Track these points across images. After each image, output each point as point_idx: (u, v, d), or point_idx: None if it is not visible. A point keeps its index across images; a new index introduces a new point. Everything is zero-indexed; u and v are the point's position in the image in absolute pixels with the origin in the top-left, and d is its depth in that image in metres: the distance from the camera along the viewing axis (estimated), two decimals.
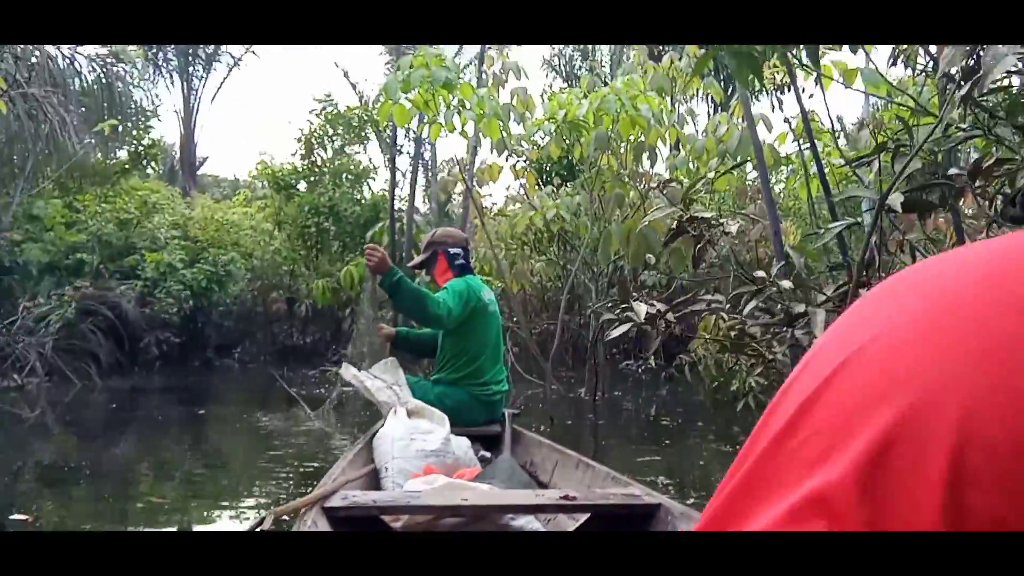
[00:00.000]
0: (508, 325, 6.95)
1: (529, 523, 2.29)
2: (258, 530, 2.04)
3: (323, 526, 2.08)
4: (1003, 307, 0.27)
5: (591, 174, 6.02)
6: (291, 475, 4.70)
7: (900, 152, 1.70)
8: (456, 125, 5.82)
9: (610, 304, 2.25)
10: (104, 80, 8.58)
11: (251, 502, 4.21)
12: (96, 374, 9.12)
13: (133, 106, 13.43)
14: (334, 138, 14.22)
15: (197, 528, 3.78)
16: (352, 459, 2.86)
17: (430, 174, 14.74)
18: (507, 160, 7.51)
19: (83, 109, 9.76)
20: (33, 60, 7.16)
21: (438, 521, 2.22)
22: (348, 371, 3.55)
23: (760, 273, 1.87)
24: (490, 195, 10.06)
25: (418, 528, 2.23)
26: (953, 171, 1.62)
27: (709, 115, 14.17)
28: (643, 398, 8.09)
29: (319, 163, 14.00)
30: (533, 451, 3.41)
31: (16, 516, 3.64)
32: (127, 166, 13.09)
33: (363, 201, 13.49)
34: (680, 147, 6.46)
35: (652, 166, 6.74)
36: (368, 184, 14.05)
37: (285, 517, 2.17)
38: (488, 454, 3.42)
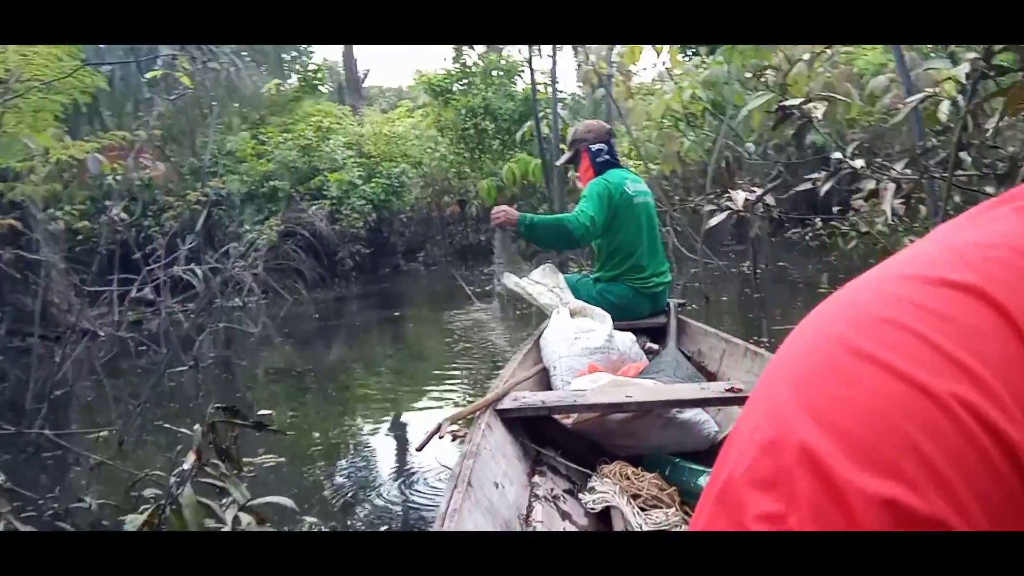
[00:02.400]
0: (663, 209, 7.05)
1: (696, 415, 2.31)
2: (436, 437, 2.13)
3: (496, 427, 2.16)
4: (821, 340, 0.31)
5: (726, 47, 5.88)
6: (479, 363, 5.27)
7: None
8: None
9: (711, 195, 2.39)
10: None
11: (445, 388, 4.73)
12: (303, 288, 10.28)
13: None
14: None
15: (405, 414, 4.38)
16: (522, 360, 2.95)
17: (581, 61, 14.59)
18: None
19: (252, 45, 10.56)
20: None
21: (605, 417, 2.28)
22: (509, 279, 3.65)
23: (836, 155, 1.96)
24: (642, 70, 9.89)
25: (587, 424, 2.32)
26: None
27: None
28: (811, 267, 7.96)
29: (468, 64, 14.26)
30: (700, 341, 3.39)
31: (263, 412, 4.40)
32: (299, 94, 14.06)
33: (515, 96, 13.66)
34: None
35: None
36: (520, 77, 14.18)
37: (460, 422, 2.31)
38: (655, 346, 3.44)
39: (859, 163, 1.85)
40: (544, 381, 2.94)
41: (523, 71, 14.24)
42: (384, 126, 14.70)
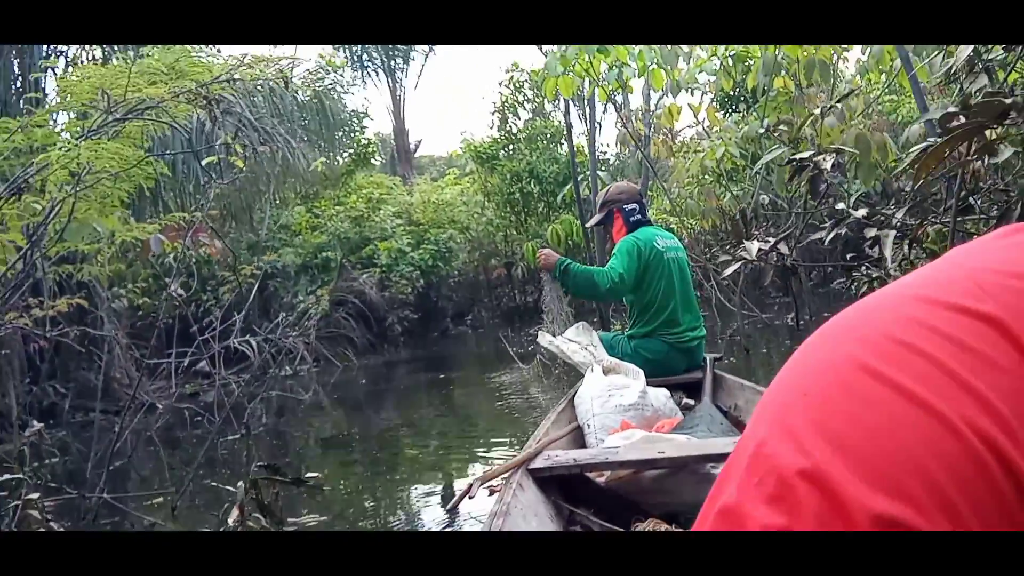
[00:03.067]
0: (700, 263, 7.10)
1: None
2: (467, 497, 2.14)
3: (528, 486, 2.15)
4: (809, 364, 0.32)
5: (762, 101, 6.01)
6: (521, 423, 5.32)
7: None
8: (620, 83, 6.08)
9: (726, 245, 2.47)
10: (317, 98, 9.73)
11: (489, 448, 4.78)
12: (353, 355, 10.54)
13: (346, 112, 14.96)
14: (524, 104, 14.83)
15: (447, 475, 4.44)
16: (556, 419, 2.94)
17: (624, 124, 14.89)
18: (690, 97, 7.57)
19: (304, 125, 11.08)
20: (258, 96, 8.35)
21: (639, 474, 2.27)
22: (544, 338, 3.76)
23: (840, 206, 2.05)
24: (685, 128, 10.00)
25: (620, 482, 2.31)
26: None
27: None
28: None
29: (514, 131, 14.68)
30: (736, 395, 3.34)
31: (310, 474, 4.55)
32: (351, 167, 14.61)
33: (559, 159, 13.97)
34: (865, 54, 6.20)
35: (832, 82, 6.54)
36: (565, 141, 14.52)
37: (494, 481, 2.27)
38: (691, 401, 3.40)
39: (861, 212, 1.93)
40: (579, 439, 2.92)
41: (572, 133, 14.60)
42: (432, 194, 15.14)
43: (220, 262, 9.55)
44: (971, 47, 1.55)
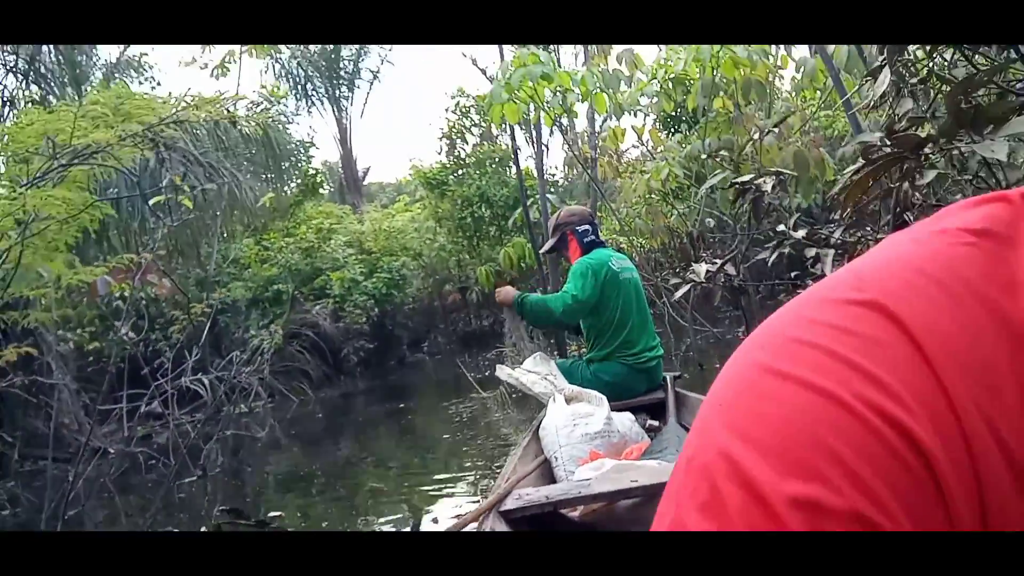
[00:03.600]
0: (652, 282, 7.24)
1: None
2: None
3: (501, 528, 2.09)
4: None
5: (702, 123, 6.18)
6: (488, 451, 5.32)
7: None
8: (564, 108, 6.20)
9: (677, 268, 2.54)
10: (262, 130, 9.69)
11: (456, 483, 4.73)
12: (309, 388, 10.40)
13: (292, 142, 14.88)
14: (472, 129, 14.93)
15: (411, 508, 4.42)
16: (522, 454, 2.87)
17: (570, 147, 15.10)
18: (634, 118, 7.73)
19: (251, 157, 10.99)
20: (202, 131, 8.27)
21: (613, 505, 2.22)
22: (502, 371, 3.71)
23: (780, 227, 2.13)
24: (630, 148, 10.18)
25: (595, 515, 2.26)
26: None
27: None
28: None
29: (462, 156, 14.75)
30: None
31: (273, 513, 4.48)
32: (299, 198, 14.50)
33: (509, 182, 14.08)
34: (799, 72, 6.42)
35: (769, 101, 6.75)
36: (512, 165, 14.65)
37: (469, 527, 2.15)
38: (656, 423, 3.37)
39: (800, 233, 2.02)
40: (548, 473, 2.86)
41: (520, 156, 14.75)
42: (383, 221, 15.10)
43: (168, 300, 9.38)
44: (890, 75, 1.65)
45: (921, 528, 0.29)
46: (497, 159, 14.57)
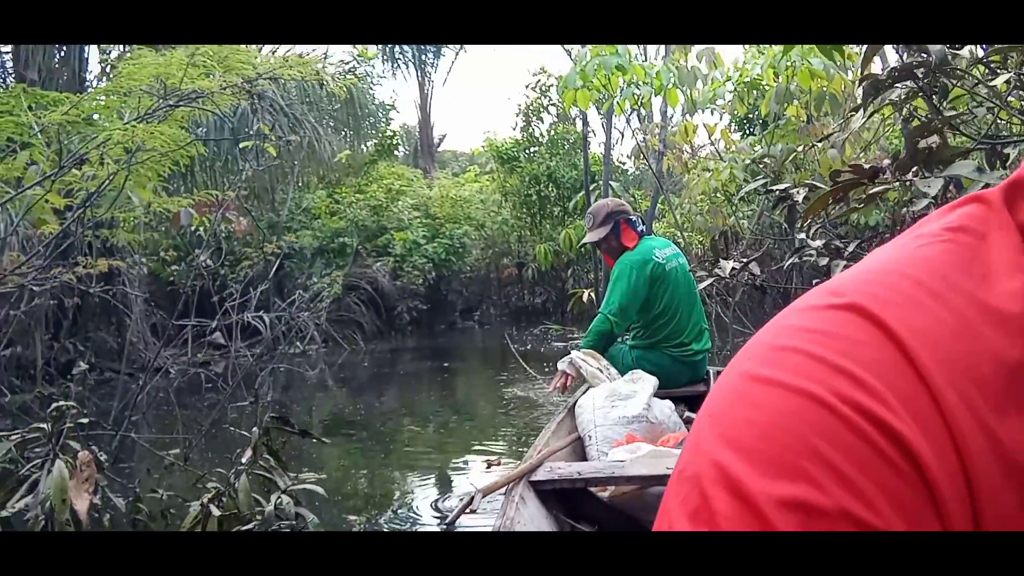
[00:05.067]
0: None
1: None
2: (468, 509, 2.07)
3: (530, 500, 2.08)
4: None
5: (770, 128, 6.27)
6: (522, 422, 5.56)
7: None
8: (637, 100, 6.36)
9: (705, 263, 2.71)
10: (347, 90, 10.06)
11: (491, 445, 4.96)
12: (360, 339, 10.88)
13: (374, 103, 15.31)
14: (549, 108, 15.09)
15: (453, 465, 4.66)
16: (555, 429, 2.84)
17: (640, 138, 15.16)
18: (709, 116, 7.79)
19: (333, 114, 11.40)
20: (291, 84, 8.65)
21: (644, 490, 2.20)
22: (562, 363, 3.57)
23: (801, 235, 2.30)
24: (703, 148, 10.26)
25: (625, 498, 2.23)
26: None
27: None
28: None
29: (536, 134, 14.95)
30: None
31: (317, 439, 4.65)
32: (374, 157, 14.93)
33: (578, 165, 14.23)
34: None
35: (845, 116, 6.80)
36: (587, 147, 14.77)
37: (497, 493, 2.19)
38: (694, 415, 3.19)
39: (817, 243, 2.19)
40: (579, 451, 2.84)
41: (591, 141, 14.88)
42: (451, 189, 15.44)
43: (241, 239, 9.88)
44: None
45: (912, 526, 0.29)
46: (570, 141, 14.72)
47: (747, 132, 10.62)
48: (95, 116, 3.57)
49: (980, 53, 1.57)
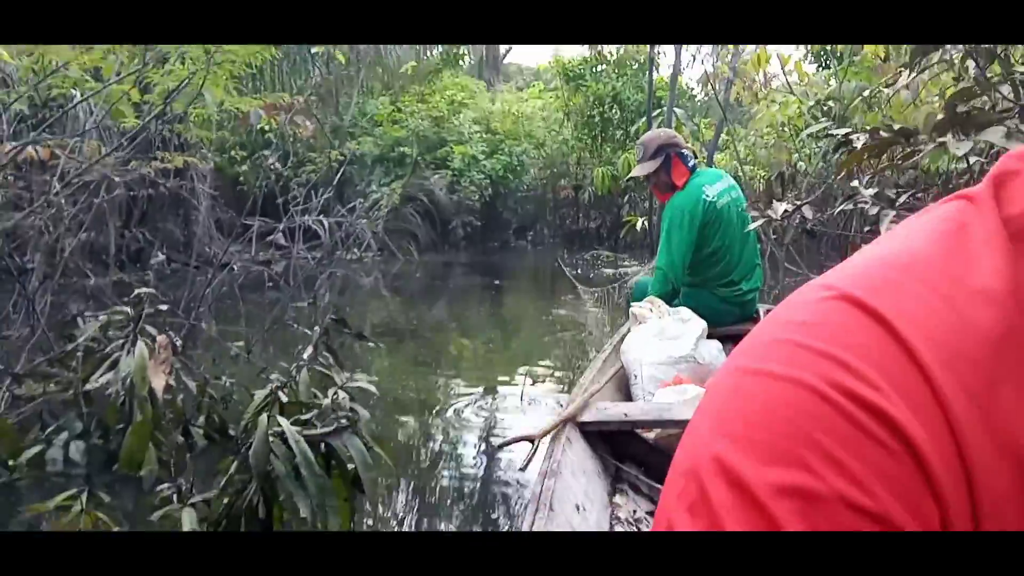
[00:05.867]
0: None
1: None
2: (532, 455, 2.01)
3: (576, 441, 2.08)
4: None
5: (843, 65, 6.07)
6: (570, 342, 5.65)
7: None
8: None
9: (757, 203, 2.70)
10: None
11: (539, 362, 5.03)
12: (415, 250, 11.07)
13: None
14: None
15: (499, 380, 4.82)
16: (601, 366, 2.82)
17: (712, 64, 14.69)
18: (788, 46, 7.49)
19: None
20: None
21: None
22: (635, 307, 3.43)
23: (854, 182, 2.30)
24: (773, 77, 9.92)
25: (671, 440, 2.21)
26: None
27: None
28: None
29: (605, 52, 14.59)
30: None
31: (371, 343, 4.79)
32: (439, 66, 14.81)
33: (645, 89, 13.90)
34: None
35: (920, 60, 6.54)
36: (656, 71, 14.36)
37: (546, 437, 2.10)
38: None
39: (870, 192, 2.19)
40: (624, 390, 2.84)
41: (659, 64, 14.47)
42: (514, 105, 15.27)
43: (305, 143, 10.04)
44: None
45: (909, 507, 0.29)
46: (639, 61, 14.35)
47: (823, 65, 10.24)
48: None
49: None
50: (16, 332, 3.22)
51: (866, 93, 3.58)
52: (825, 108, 4.16)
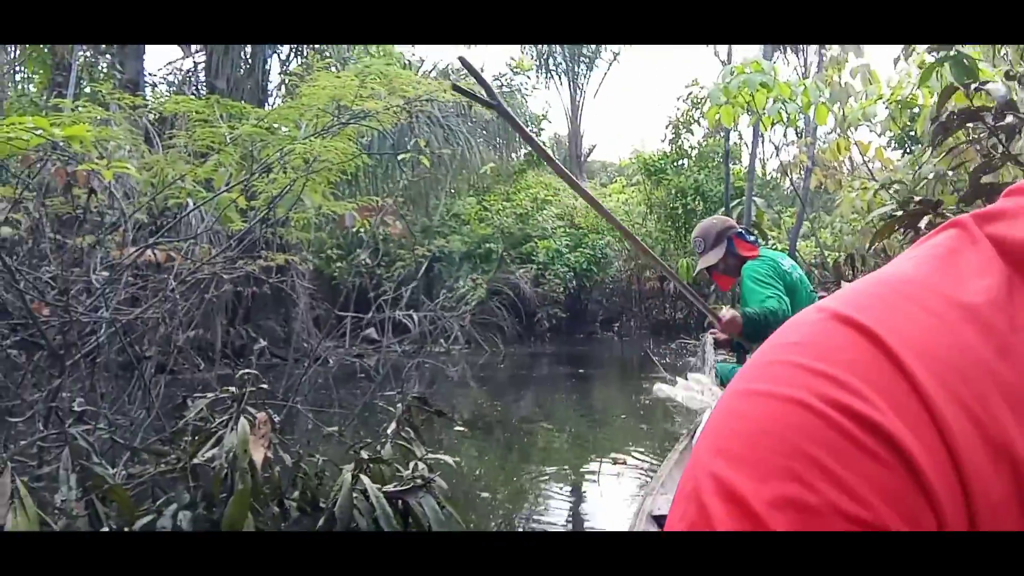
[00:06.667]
0: None
1: None
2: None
3: (653, 531, 2.01)
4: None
5: (918, 150, 6.08)
6: (660, 436, 5.66)
7: None
8: (783, 116, 6.35)
9: (826, 284, 2.77)
10: (504, 96, 10.52)
11: (625, 453, 4.98)
12: (501, 342, 11.32)
13: (527, 112, 15.85)
14: (699, 120, 15.01)
15: (582, 467, 4.89)
16: (678, 459, 2.87)
17: (793, 154, 14.77)
18: (873, 135, 7.54)
19: (486, 125, 11.93)
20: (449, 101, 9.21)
21: None
22: (661, 390, 3.64)
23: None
24: (862, 164, 9.91)
25: None
26: None
27: None
28: None
29: (685, 147, 14.90)
30: None
31: (458, 428, 5.01)
32: (523, 167, 15.42)
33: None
34: None
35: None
36: (738, 162, 14.52)
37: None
38: None
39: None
40: None
41: (739, 160, 14.63)
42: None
43: (396, 242, 10.58)
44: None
45: (905, 518, 0.29)
46: (720, 155, 14.57)
47: (908, 151, 10.21)
48: (275, 126, 4.11)
49: None
50: (134, 414, 3.54)
51: (934, 174, 3.64)
52: (891, 191, 4.20)
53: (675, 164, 14.84)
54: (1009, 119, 1.59)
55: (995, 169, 1.56)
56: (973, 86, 1.74)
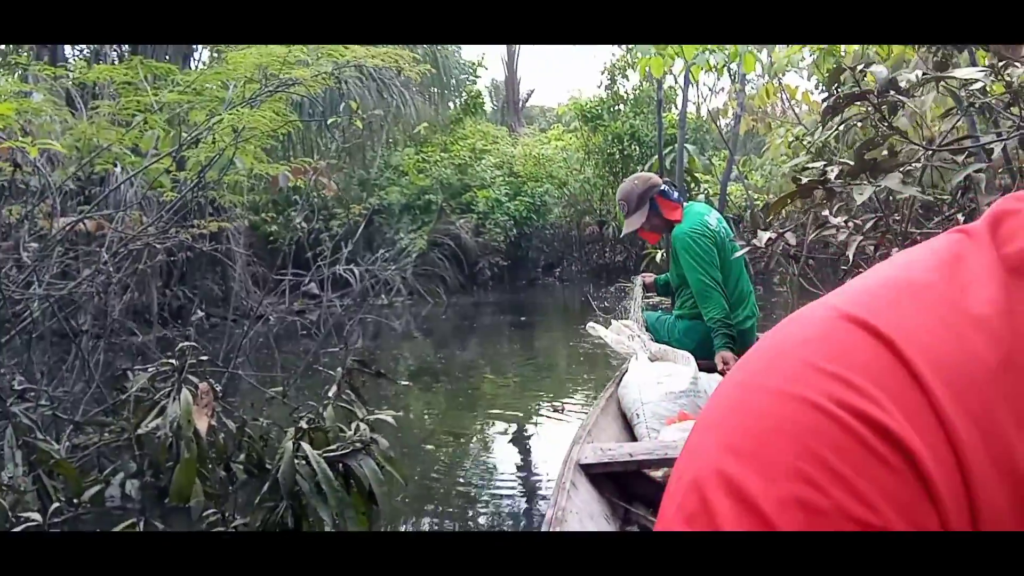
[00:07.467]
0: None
1: None
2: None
3: (581, 484, 2.04)
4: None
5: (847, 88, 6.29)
6: (601, 381, 5.79)
7: None
8: (711, 65, 6.49)
9: (745, 232, 2.91)
10: (432, 54, 10.43)
11: (566, 402, 5.07)
12: (443, 293, 11.42)
13: (461, 63, 15.70)
14: (634, 66, 15.06)
15: (528, 411, 5.07)
16: (603, 407, 2.79)
17: (722, 101, 14.97)
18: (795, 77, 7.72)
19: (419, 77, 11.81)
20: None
21: None
22: (594, 328, 3.62)
23: (824, 212, 2.51)
24: (790, 109, 10.15)
25: None
26: None
27: None
28: None
29: (621, 93, 14.96)
30: None
31: (403, 382, 5.11)
32: (460, 116, 15.32)
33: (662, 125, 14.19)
34: None
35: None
36: (675, 106, 14.65)
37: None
38: None
39: (839, 219, 2.39)
40: (628, 430, 2.80)
41: (675, 103, 14.76)
42: (535, 148, 15.68)
43: (332, 199, 10.50)
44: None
45: (911, 523, 0.30)
46: (656, 100, 14.67)
47: (833, 92, 10.46)
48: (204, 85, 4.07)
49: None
50: (73, 387, 3.56)
51: (841, 128, 3.81)
52: (806, 142, 4.38)
53: (612, 110, 14.91)
54: (891, 96, 1.73)
55: (877, 146, 1.71)
56: (859, 68, 1.88)
